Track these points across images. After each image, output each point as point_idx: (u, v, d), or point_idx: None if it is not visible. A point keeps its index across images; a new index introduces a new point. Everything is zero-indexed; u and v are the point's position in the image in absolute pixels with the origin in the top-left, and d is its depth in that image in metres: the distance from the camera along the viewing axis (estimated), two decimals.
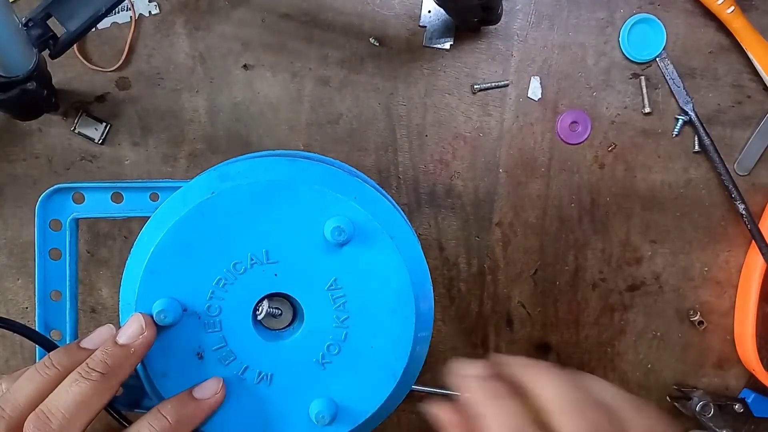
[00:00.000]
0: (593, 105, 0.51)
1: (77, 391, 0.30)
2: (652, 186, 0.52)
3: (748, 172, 0.52)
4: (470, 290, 0.52)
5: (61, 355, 0.32)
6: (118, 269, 0.51)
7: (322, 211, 0.34)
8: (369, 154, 0.51)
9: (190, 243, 0.33)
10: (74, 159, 0.50)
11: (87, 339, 0.33)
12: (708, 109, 0.52)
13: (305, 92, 0.50)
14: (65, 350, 0.33)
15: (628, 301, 0.53)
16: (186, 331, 0.33)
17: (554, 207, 0.52)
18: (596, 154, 0.52)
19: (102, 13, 0.42)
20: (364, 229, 0.34)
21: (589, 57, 0.51)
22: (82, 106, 0.50)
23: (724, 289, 0.53)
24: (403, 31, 0.50)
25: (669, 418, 0.32)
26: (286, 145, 0.51)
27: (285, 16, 0.50)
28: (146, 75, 0.50)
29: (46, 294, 0.41)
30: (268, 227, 0.34)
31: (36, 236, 0.41)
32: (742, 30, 0.50)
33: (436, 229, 0.52)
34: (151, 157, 0.50)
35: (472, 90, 0.51)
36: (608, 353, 0.53)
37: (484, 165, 0.51)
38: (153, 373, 0.34)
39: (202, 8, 0.50)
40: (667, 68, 0.51)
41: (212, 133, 0.50)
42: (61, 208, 0.41)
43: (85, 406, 0.30)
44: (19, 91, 0.41)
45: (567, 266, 0.52)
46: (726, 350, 0.54)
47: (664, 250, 0.53)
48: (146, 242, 0.34)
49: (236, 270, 0.34)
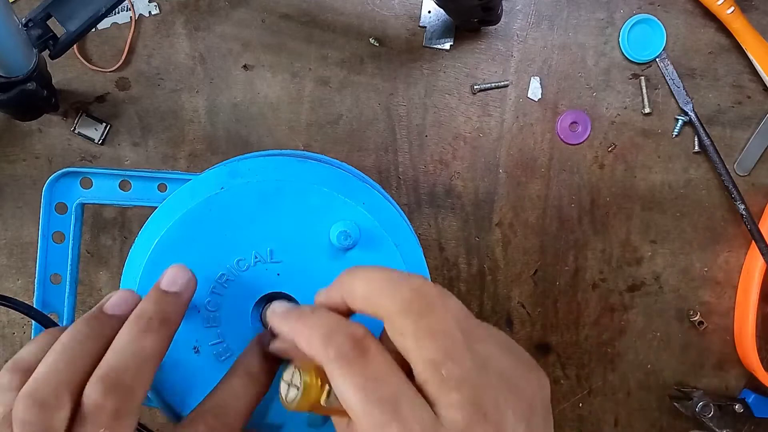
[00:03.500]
0: (593, 105, 0.51)
1: (143, 345, 0.28)
2: (652, 186, 0.52)
3: (748, 173, 0.52)
4: (470, 290, 0.52)
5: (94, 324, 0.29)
6: (118, 269, 0.51)
7: (329, 214, 0.34)
8: (369, 154, 0.51)
9: (196, 236, 0.33)
10: (74, 159, 0.50)
11: (111, 304, 0.30)
12: (708, 109, 0.52)
13: (305, 92, 0.50)
14: (94, 318, 0.29)
15: (628, 302, 0.53)
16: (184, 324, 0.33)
17: (554, 207, 0.52)
18: (596, 154, 0.52)
19: (102, 13, 0.42)
20: (370, 235, 0.34)
21: (589, 57, 0.51)
22: (82, 107, 0.50)
23: (724, 289, 0.53)
24: (403, 31, 0.50)
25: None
26: (286, 146, 0.51)
27: (285, 17, 0.50)
28: (146, 75, 0.50)
29: (46, 276, 0.41)
30: (274, 226, 0.34)
31: (41, 218, 0.41)
32: (742, 30, 0.50)
33: (436, 229, 0.52)
34: (151, 157, 0.50)
35: (472, 90, 0.51)
36: (608, 353, 0.53)
37: (484, 165, 0.51)
38: None
39: (202, 8, 0.50)
40: (667, 68, 0.51)
41: (212, 133, 0.50)
42: (68, 192, 0.41)
43: (152, 359, 0.28)
44: (19, 92, 0.41)
45: (567, 266, 0.52)
46: (726, 350, 0.54)
47: (664, 251, 0.53)
48: (151, 233, 0.34)
49: (239, 267, 0.34)
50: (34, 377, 0.27)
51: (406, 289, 0.25)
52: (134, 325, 0.29)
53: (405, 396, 0.24)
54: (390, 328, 0.25)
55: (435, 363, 0.24)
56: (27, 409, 0.26)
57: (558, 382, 0.53)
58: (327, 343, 0.25)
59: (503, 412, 0.24)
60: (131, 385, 0.27)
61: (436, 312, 0.25)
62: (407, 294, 0.25)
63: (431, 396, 0.24)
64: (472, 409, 0.24)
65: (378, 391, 0.24)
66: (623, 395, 0.54)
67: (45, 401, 0.26)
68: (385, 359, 0.25)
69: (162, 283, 0.31)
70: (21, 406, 0.26)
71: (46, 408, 0.26)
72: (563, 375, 0.53)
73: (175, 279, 0.31)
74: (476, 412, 0.24)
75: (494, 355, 0.26)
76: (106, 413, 0.26)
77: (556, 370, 0.53)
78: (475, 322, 0.27)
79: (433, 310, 0.25)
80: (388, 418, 0.23)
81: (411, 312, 0.25)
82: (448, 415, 0.24)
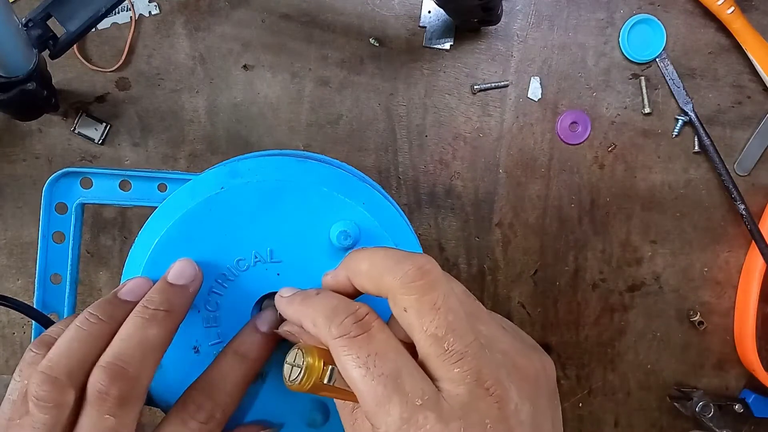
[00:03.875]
0: (593, 105, 0.51)
1: (148, 334, 0.29)
2: (652, 186, 0.52)
3: (748, 173, 0.52)
4: (470, 290, 0.52)
5: (107, 308, 0.30)
6: (118, 269, 0.51)
7: (329, 214, 0.34)
8: (369, 154, 0.51)
9: (196, 236, 0.33)
10: (74, 159, 0.50)
11: (125, 290, 0.31)
12: (708, 109, 0.52)
13: (305, 93, 0.50)
14: (108, 302, 0.31)
15: (628, 302, 0.53)
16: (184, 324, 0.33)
17: (554, 207, 0.52)
18: (596, 154, 0.52)
19: (102, 13, 0.42)
20: (370, 235, 0.34)
21: (589, 57, 0.51)
22: (82, 107, 0.50)
23: (724, 289, 0.53)
24: (403, 31, 0.50)
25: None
26: (286, 146, 0.51)
27: (285, 17, 0.50)
28: (146, 75, 0.50)
29: (46, 276, 0.41)
30: (274, 226, 0.34)
31: (41, 218, 0.41)
32: (742, 30, 0.50)
33: (436, 229, 0.52)
34: (150, 157, 0.50)
35: (472, 90, 0.51)
36: (608, 353, 0.53)
37: (484, 165, 0.51)
38: None
39: (202, 8, 0.50)
40: (667, 68, 0.51)
41: (212, 133, 0.50)
42: (68, 192, 0.41)
43: (157, 348, 0.29)
44: (19, 92, 0.41)
45: (567, 267, 0.52)
46: (726, 350, 0.54)
47: (664, 251, 0.53)
48: (151, 232, 0.34)
49: (239, 267, 0.34)
50: (49, 356, 0.28)
51: (410, 265, 0.25)
52: (140, 314, 0.29)
53: (406, 370, 0.24)
54: (394, 305, 0.26)
55: (437, 338, 0.24)
56: (40, 385, 0.27)
57: (558, 382, 0.53)
58: (330, 323, 0.26)
59: (506, 389, 0.25)
60: (135, 373, 0.28)
61: (439, 288, 0.25)
62: (410, 271, 0.25)
63: (434, 371, 0.25)
64: (474, 383, 0.24)
65: (380, 366, 0.24)
66: (623, 395, 0.54)
67: (57, 379, 0.27)
68: (387, 336, 0.25)
69: (169, 276, 0.31)
70: (35, 381, 0.27)
71: (58, 385, 0.27)
72: (563, 375, 0.53)
73: (182, 272, 0.31)
74: (478, 386, 0.24)
75: (497, 336, 0.27)
76: (111, 400, 0.27)
77: (557, 370, 0.53)
78: (479, 305, 0.28)
79: (435, 286, 0.25)
80: (389, 392, 0.24)
81: (414, 287, 0.25)
82: (450, 389, 0.24)
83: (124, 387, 0.27)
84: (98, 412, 0.27)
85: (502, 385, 0.24)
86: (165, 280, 0.31)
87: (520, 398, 0.25)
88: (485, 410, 0.24)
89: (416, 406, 0.23)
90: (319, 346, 0.27)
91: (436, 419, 0.23)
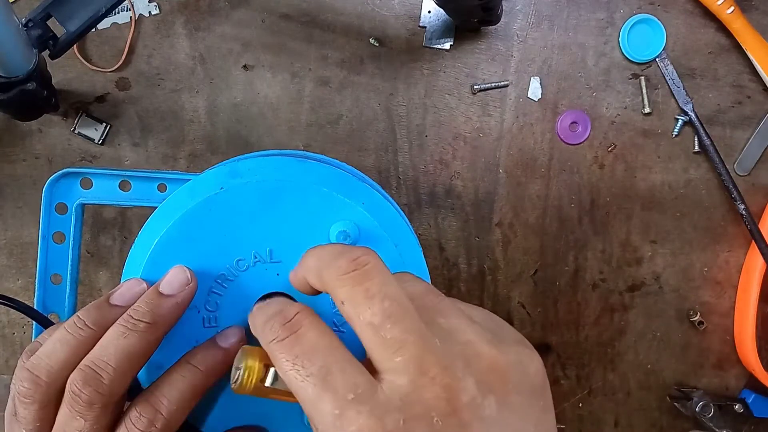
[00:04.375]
0: (593, 105, 0.51)
1: (126, 343, 0.29)
2: (652, 186, 0.52)
3: (748, 173, 0.52)
4: (470, 291, 0.52)
5: (94, 313, 0.31)
6: (118, 269, 0.51)
7: (329, 214, 0.34)
8: (369, 154, 0.51)
9: (195, 236, 0.34)
10: (74, 159, 0.50)
11: (117, 295, 0.32)
12: (708, 109, 0.52)
13: (305, 93, 0.50)
14: (96, 308, 0.31)
15: (628, 302, 0.53)
16: (184, 324, 0.33)
17: (554, 207, 0.52)
18: (596, 154, 0.52)
19: (102, 13, 0.42)
20: (369, 236, 0.34)
21: (589, 57, 0.51)
22: (82, 107, 0.50)
23: (724, 289, 0.53)
24: (403, 31, 0.51)
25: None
26: (286, 146, 0.51)
27: (285, 17, 0.50)
28: (146, 75, 0.50)
29: (46, 277, 0.41)
30: (274, 226, 0.34)
31: (41, 218, 0.41)
32: (742, 30, 0.50)
33: (436, 229, 0.52)
34: (150, 157, 0.50)
35: (472, 90, 0.51)
36: (608, 353, 0.53)
37: (484, 165, 0.51)
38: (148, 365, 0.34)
39: (202, 8, 0.50)
40: (667, 68, 0.51)
41: (212, 133, 0.50)
42: (68, 192, 0.41)
43: (134, 358, 0.29)
44: (19, 92, 0.41)
45: (567, 267, 0.52)
46: (726, 350, 0.54)
47: (664, 251, 0.53)
48: (151, 232, 0.34)
49: (239, 267, 0.34)
50: (36, 355, 0.30)
51: (344, 259, 0.25)
52: (123, 323, 0.30)
53: (337, 366, 0.24)
54: (335, 300, 0.25)
55: (374, 326, 0.24)
56: (22, 381, 0.29)
57: (558, 382, 0.53)
58: (264, 326, 0.26)
59: (459, 378, 0.23)
60: (108, 380, 0.28)
61: (374, 277, 0.25)
62: (344, 264, 0.25)
63: (377, 363, 0.24)
64: (417, 371, 0.23)
65: (308, 367, 0.24)
66: (623, 395, 0.54)
67: (37, 377, 0.29)
68: (318, 334, 0.25)
69: (160, 285, 0.32)
70: (18, 378, 0.29)
71: (37, 383, 0.29)
72: (563, 375, 0.53)
73: (171, 282, 0.32)
74: (422, 375, 0.23)
75: (461, 328, 0.25)
76: (81, 402, 0.28)
77: (556, 370, 0.53)
78: (443, 299, 0.27)
79: (369, 275, 0.25)
80: (319, 391, 0.23)
81: (346, 278, 0.25)
82: (392, 379, 0.23)
83: (95, 392, 0.28)
84: (70, 412, 0.28)
85: (452, 374, 0.23)
86: (155, 289, 0.32)
87: (480, 391, 0.23)
88: (431, 402, 0.23)
89: (347, 401, 0.22)
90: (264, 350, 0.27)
91: (369, 412, 0.22)
